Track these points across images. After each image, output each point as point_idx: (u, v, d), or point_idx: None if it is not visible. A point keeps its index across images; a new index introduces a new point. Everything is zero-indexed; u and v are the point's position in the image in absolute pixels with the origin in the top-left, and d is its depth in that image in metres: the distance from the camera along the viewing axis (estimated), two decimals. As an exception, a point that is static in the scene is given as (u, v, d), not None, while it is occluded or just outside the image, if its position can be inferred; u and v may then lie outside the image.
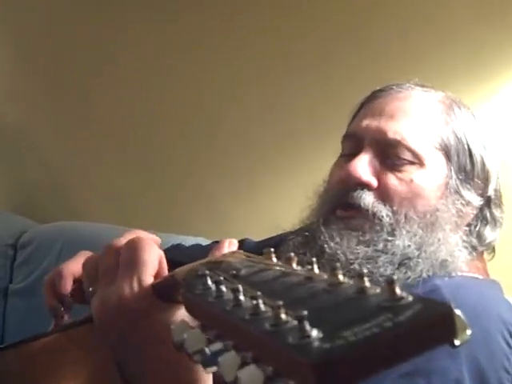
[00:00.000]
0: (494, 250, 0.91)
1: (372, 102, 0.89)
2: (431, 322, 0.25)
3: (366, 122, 0.85)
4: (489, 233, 0.87)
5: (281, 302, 0.27)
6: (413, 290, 0.76)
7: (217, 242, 1.20)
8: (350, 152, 0.87)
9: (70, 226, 1.91)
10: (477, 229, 0.86)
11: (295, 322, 0.26)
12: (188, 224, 1.81)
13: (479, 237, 0.86)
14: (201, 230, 1.70)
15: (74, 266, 0.97)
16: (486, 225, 0.87)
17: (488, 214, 0.87)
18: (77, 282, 0.97)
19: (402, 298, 0.26)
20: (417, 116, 0.84)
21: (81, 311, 0.79)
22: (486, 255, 0.90)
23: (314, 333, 0.25)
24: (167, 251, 1.08)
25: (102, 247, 0.57)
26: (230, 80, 1.79)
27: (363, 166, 0.82)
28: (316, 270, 0.32)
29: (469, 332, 0.26)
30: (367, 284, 0.27)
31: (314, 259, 0.32)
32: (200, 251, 1.16)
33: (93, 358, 0.66)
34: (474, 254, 0.85)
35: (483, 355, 0.69)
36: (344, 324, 0.25)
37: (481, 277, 0.84)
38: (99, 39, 2.08)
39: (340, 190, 0.84)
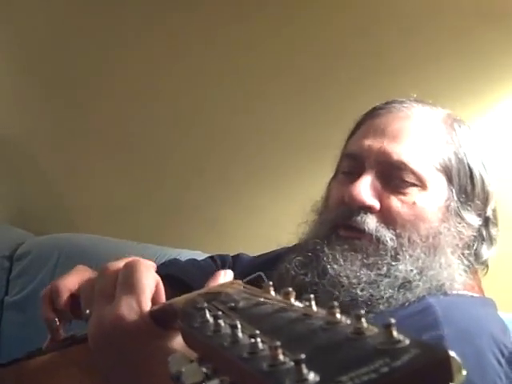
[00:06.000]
0: (487, 266, 0.90)
1: (373, 119, 0.88)
2: (428, 367, 0.25)
3: (368, 142, 0.84)
4: (485, 251, 0.87)
5: (278, 343, 0.27)
6: (405, 309, 0.76)
7: (212, 256, 1.21)
8: (350, 170, 0.86)
9: (66, 238, 1.91)
10: (474, 248, 0.86)
11: (292, 364, 0.26)
12: (185, 237, 1.80)
13: (476, 256, 0.86)
14: (197, 243, 1.70)
15: (70, 282, 0.97)
16: (483, 244, 0.87)
17: (485, 234, 0.87)
18: (73, 297, 0.97)
19: (398, 341, 0.26)
20: (419, 137, 0.83)
21: (77, 326, 0.80)
22: (479, 271, 0.90)
23: (311, 376, 0.25)
24: (163, 266, 1.08)
25: (99, 269, 0.57)
26: (231, 93, 1.80)
27: (366, 189, 0.80)
28: (314, 307, 0.32)
29: (464, 373, 0.27)
30: (364, 325, 0.28)
31: (312, 296, 0.32)
32: (195, 267, 1.16)
33: (88, 377, 0.66)
34: (469, 271, 0.85)
35: (476, 374, 0.68)
36: (341, 368, 0.25)
37: (475, 294, 0.84)
38: (98, 52, 2.09)
39: (343, 211, 0.82)
